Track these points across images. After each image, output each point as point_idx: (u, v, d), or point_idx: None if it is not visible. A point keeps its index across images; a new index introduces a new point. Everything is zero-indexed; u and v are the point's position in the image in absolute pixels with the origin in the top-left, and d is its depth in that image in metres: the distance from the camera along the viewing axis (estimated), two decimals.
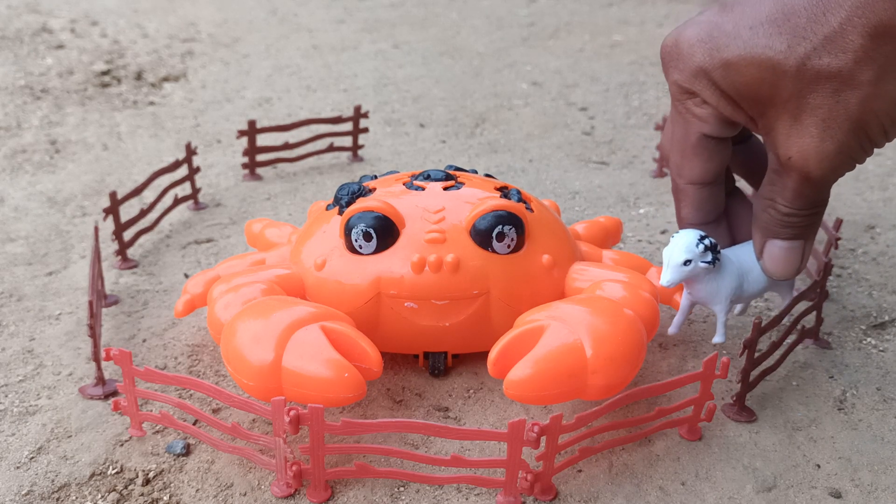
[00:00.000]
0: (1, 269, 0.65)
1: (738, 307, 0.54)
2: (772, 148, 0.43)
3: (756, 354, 0.47)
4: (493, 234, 0.48)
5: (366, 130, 0.90)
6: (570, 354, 0.42)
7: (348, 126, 0.95)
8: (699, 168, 0.46)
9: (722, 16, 0.42)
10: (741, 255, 0.48)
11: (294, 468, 0.41)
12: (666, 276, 0.46)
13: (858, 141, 0.40)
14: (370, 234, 0.48)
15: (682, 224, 0.49)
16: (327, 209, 0.53)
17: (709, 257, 0.46)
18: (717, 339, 0.49)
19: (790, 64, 0.39)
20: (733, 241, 0.50)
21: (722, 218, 0.50)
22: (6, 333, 0.56)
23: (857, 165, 0.42)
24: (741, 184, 0.55)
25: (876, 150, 0.66)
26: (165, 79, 1.18)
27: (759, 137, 0.46)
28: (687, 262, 0.45)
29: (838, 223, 0.59)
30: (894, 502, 0.43)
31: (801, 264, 0.47)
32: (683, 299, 0.50)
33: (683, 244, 0.45)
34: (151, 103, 1.08)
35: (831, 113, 0.39)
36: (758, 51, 0.40)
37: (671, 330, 0.51)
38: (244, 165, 0.84)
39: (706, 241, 0.46)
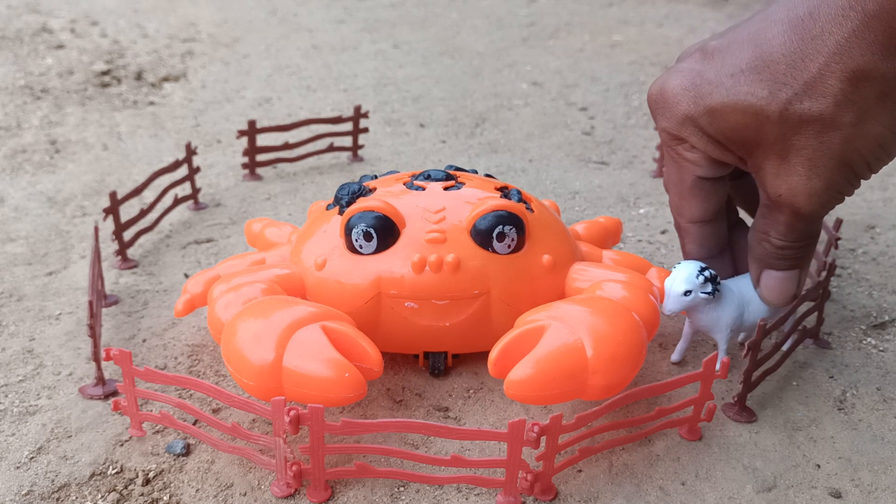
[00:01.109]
0: (1, 269, 0.65)
1: (742, 335, 0.54)
2: (762, 186, 0.44)
3: (758, 355, 0.47)
4: (494, 234, 0.48)
5: (366, 130, 0.90)
6: (570, 354, 0.42)
7: (348, 126, 0.95)
8: (698, 208, 0.48)
9: (703, 64, 0.43)
10: (742, 286, 0.49)
11: (294, 468, 0.41)
12: (667, 306, 0.47)
13: (845, 177, 0.41)
14: (370, 233, 0.48)
15: (687, 259, 0.50)
16: (327, 209, 0.53)
17: (708, 288, 0.46)
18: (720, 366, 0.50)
19: (773, 109, 0.40)
20: (736, 272, 0.51)
21: (726, 250, 0.51)
22: (6, 333, 0.56)
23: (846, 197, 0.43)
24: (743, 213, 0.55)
25: None
26: (165, 79, 1.18)
27: None
28: (687, 293, 0.46)
29: (838, 223, 0.59)
30: (894, 502, 0.43)
31: (796, 292, 0.48)
32: (686, 327, 0.51)
33: (684, 275, 0.47)
34: (151, 103, 1.08)
35: (816, 153, 0.40)
36: (740, 98, 0.41)
37: (674, 357, 0.52)
38: (244, 165, 0.84)
39: (706, 273, 0.47)
